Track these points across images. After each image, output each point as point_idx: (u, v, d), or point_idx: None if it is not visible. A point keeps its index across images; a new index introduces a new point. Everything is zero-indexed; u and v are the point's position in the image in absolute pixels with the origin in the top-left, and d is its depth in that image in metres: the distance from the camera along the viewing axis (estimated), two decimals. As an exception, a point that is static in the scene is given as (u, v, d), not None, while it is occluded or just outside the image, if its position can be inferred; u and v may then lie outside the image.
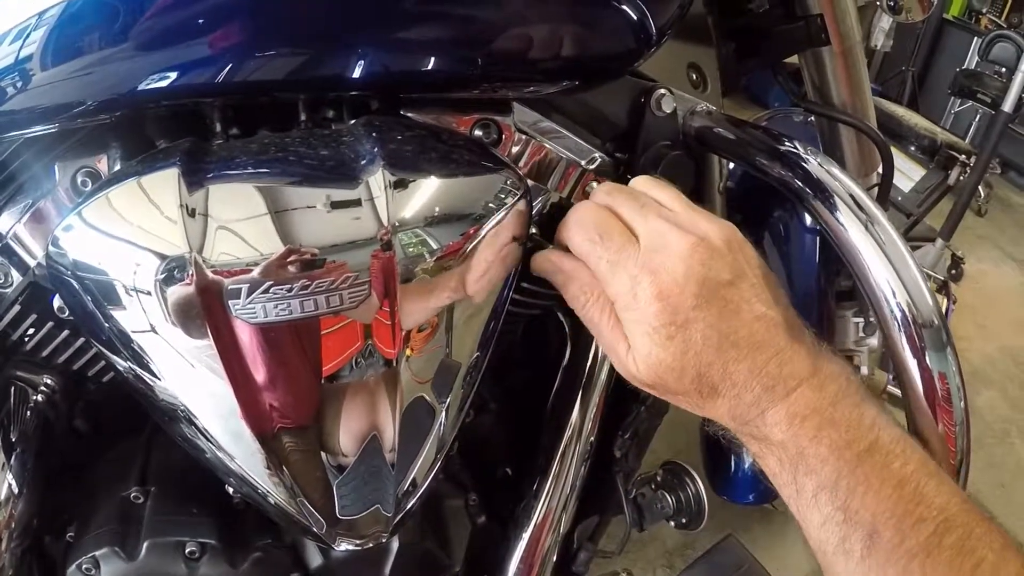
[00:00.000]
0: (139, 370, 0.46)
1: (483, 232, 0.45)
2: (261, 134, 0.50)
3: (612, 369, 0.73)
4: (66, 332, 0.60)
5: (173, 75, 0.46)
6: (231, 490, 0.62)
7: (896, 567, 0.41)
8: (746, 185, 0.91)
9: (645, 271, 0.45)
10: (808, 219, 0.90)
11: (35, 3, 0.45)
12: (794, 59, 0.83)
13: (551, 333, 0.76)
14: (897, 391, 1.79)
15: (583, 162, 0.61)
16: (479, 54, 0.49)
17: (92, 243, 0.42)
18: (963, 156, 1.18)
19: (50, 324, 0.59)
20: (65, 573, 0.64)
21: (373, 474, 0.53)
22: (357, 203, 0.41)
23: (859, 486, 0.42)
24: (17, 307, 0.57)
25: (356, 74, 0.48)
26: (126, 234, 0.40)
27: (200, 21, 0.46)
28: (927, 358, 0.57)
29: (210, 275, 0.39)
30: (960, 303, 1.71)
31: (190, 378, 0.45)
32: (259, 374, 0.43)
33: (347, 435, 0.50)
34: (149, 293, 0.40)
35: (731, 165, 0.76)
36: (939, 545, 0.41)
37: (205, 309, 0.39)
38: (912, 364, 0.57)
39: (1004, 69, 2.14)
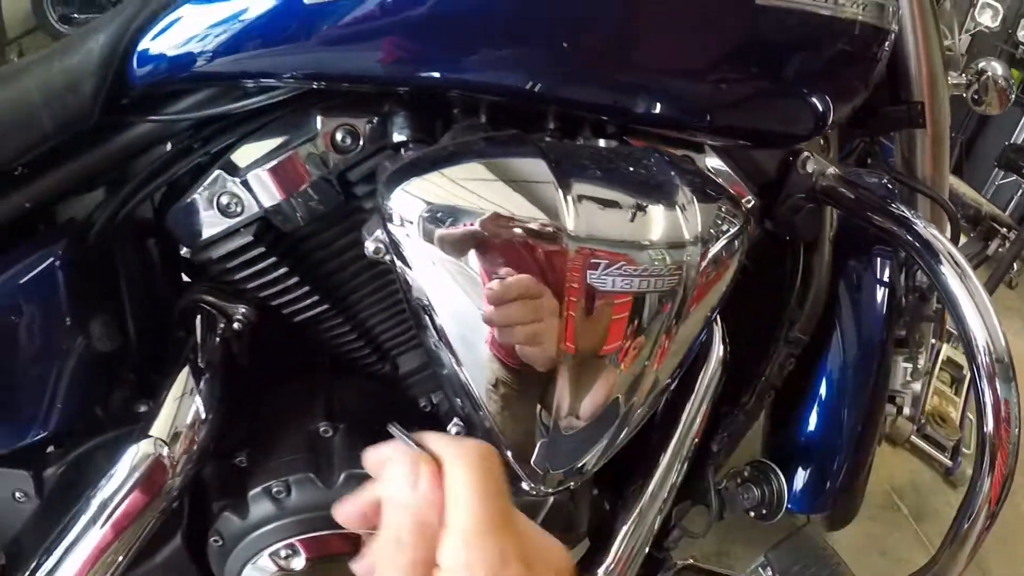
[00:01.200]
0: (437, 312, 0.59)
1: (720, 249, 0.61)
2: (584, 144, 0.65)
3: (721, 376, 0.89)
4: (285, 269, 0.71)
5: (477, 71, 0.59)
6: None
7: None
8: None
9: None
10: (879, 272, 1.07)
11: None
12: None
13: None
14: (920, 442, 1.97)
15: (742, 201, 0.78)
16: (710, 112, 0.65)
17: (455, 199, 0.54)
18: (1004, 229, 1.34)
19: (272, 259, 0.70)
20: (244, 496, 0.76)
21: (568, 440, 0.68)
22: (678, 210, 0.57)
23: None
24: (246, 237, 0.68)
25: (616, 103, 0.63)
26: (502, 200, 0.54)
27: (513, 33, 0.59)
28: (997, 385, 0.74)
29: (579, 247, 0.53)
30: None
31: (480, 321, 0.58)
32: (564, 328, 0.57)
33: (565, 399, 0.64)
34: (518, 249, 0.53)
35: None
36: None
37: (564, 271, 0.53)
38: (987, 388, 0.74)
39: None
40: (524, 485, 0.71)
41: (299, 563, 0.75)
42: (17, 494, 0.77)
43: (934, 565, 0.86)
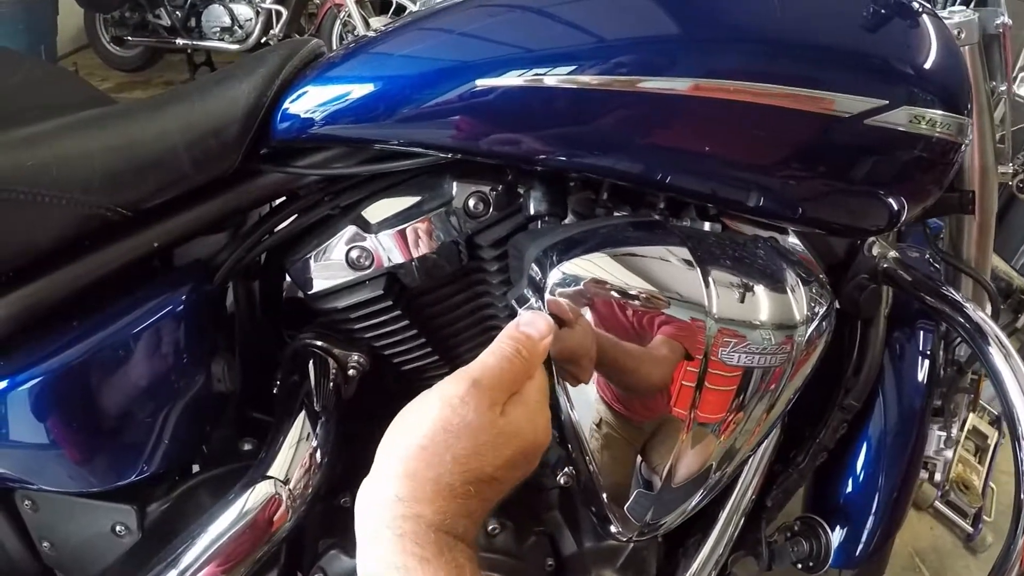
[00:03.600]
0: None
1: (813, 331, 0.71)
2: (714, 232, 0.74)
3: (780, 438, 0.99)
4: (406, 322, 0.78)
5: (607, 160, 0.68)
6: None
7: None
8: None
9: None
10: (921, 344, 1.19)
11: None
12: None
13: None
14: (943, 508, 2.08)
15: (813, 279, 0.89)
16: (802, 206, 0.75)
17: (606, 278, 0.63)
18: None
19: (396, 312, 0.77)
20: (353, 535, 0.82)
21: (661, 495, 0.77)
22: (789, 294, 0.67)
23: None
24: (374, 291, 0.74)
25: (724, 195, 0.72)
26: (645, 284, 0.63)
27: (643, 133, 0.68)
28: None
29: (720, 327, 0.63)
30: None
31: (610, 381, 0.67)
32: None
33: (669, 461, 0.73)
34: (662, 326, 0.63)
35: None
36: None
37: (702, 347, 0.63)
38: (1024, 457, 0.85)
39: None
40: (612, 528, 0.80)
41: None
42: (118, 528, 0.83)
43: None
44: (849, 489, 1.16)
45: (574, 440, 0.73)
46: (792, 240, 0.86)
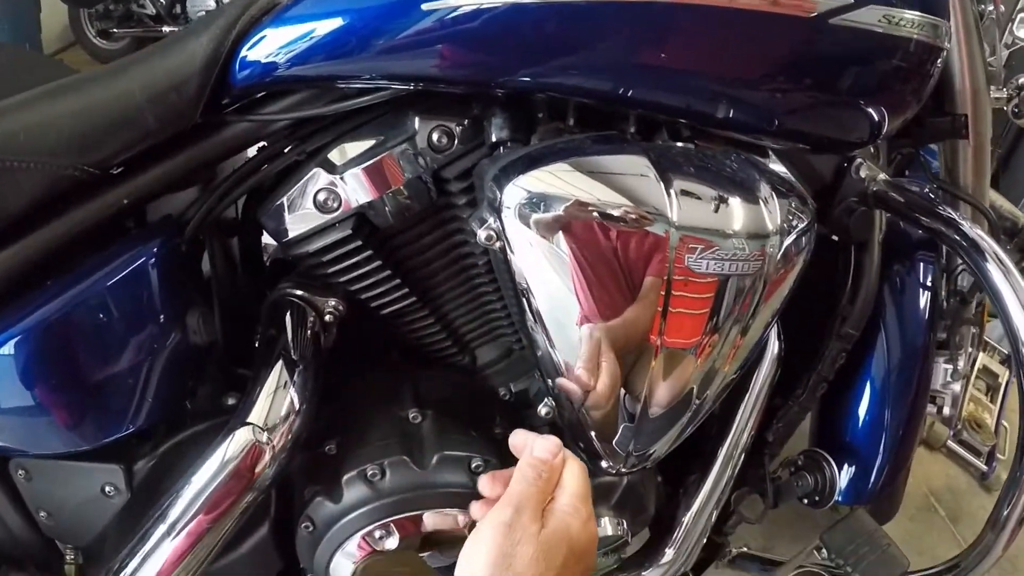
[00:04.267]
0: (540, 293, 0.67)
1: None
2: (679, 145, 0.73)
3: (777, 371, 0.98)
4: (378, 262, 0.78)
5: (570, 77, 0.67)
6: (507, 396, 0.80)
7: None
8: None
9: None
10: (922, 277, 1.17)
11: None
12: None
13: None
14: (956, 447, 2.08)
15: (801, 205, 0.88)
16: (777, 118, 0.74)
17: (567, 191, 0.63)
18: None
19: (367, 253, 0.77)
20: (338, 481, 0.82)
21: (646, 425, 0.76)
22: (761, 204, 0.66)
23: None
24: (342, 232, 0.74)
25: (695, 108, 0.71)
26: (606, 192, 0.63)
27: (606, 43, 0.66)
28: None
29: (682, 235, 0.63)
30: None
31: (579, 303, 0.67)
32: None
33: (648, 386, 0.73)
34: (623, 235, 0.63)
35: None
36: None
37: (666, 256, 0.62)
38: (1034, 379, 0.83)
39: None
40: (603, 464, 0.80)
41: (392, 542, 0.82)
42: (107, 488, 0.83)
43: (977, 546, 0.95)
44: (855, 425, 1.16)
45: (569, 390, 0.74)
46: (775, 164, 0.85)
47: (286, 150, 0.78)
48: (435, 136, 0.73)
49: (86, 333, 0.75)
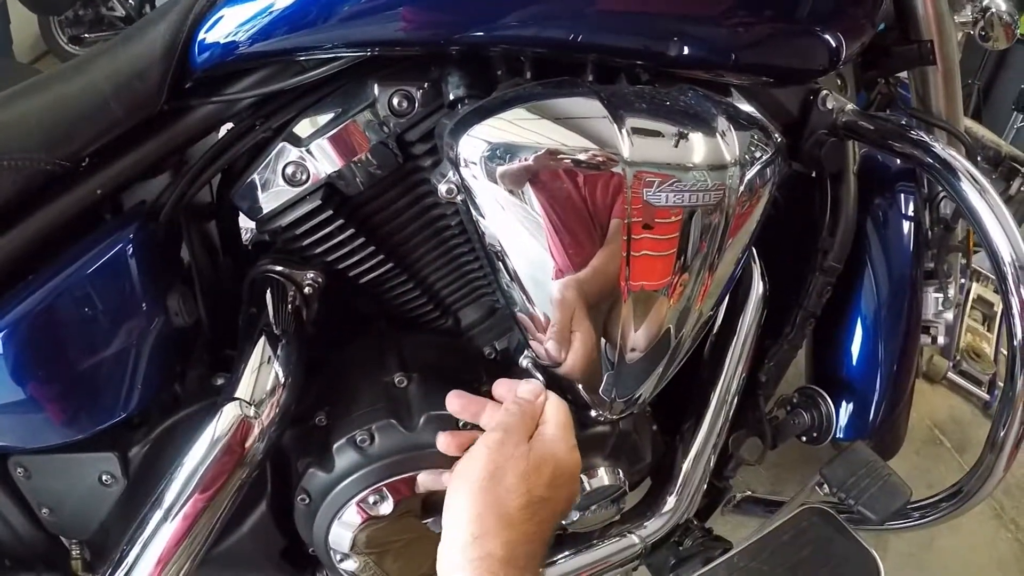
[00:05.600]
0: (507, 245, 0.69)
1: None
2: (631, 87, 0.73)
3: (763, 310, 1.00)
4: (351, 231, 0.79)
5: (520, 26, 0.68)
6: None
7: None
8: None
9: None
10: (904, 208, 1.18)
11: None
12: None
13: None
14: (957, 378, 2.09)
15: (770, 140, 0.89)
16: (734, 51, 0.74)
17: (520, 138, 0.64)
18: None
19: (339, 223, 0.78)
20: (329, 450, 0.84)
21: (629, 369, 0.78)
22: (718, 136, 0.67)
23: None
24: (313, 203, 0.76)
25: (649, 48, 0.72)
26: (561, 134, 0.63)
27: None
28: (1022, 291, 0.85)
29: (636, 171, 0.63)
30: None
31: (548, 255, 0.68)
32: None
33: (625, 330, 0.74)
34: (579, 178, 0.63)
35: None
36: None
37: (623, 193, 0.63)
38: (1014, 298, 0.84)
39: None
40: (592, 413, 0.81)
41: (387, 507, 0.83)
42: (104, 477, 0.85)
43: (978, 470, 0.97)
44: (850, 360, 1.17)
45: (550, 342, 0.75)
46: (740, 103, 0.86)
47: (253, 129, 0.80)
48: (395, 101, 0.74)
49: (70, 323, 0.76)
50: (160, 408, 0.88)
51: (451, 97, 0.72)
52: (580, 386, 0.78)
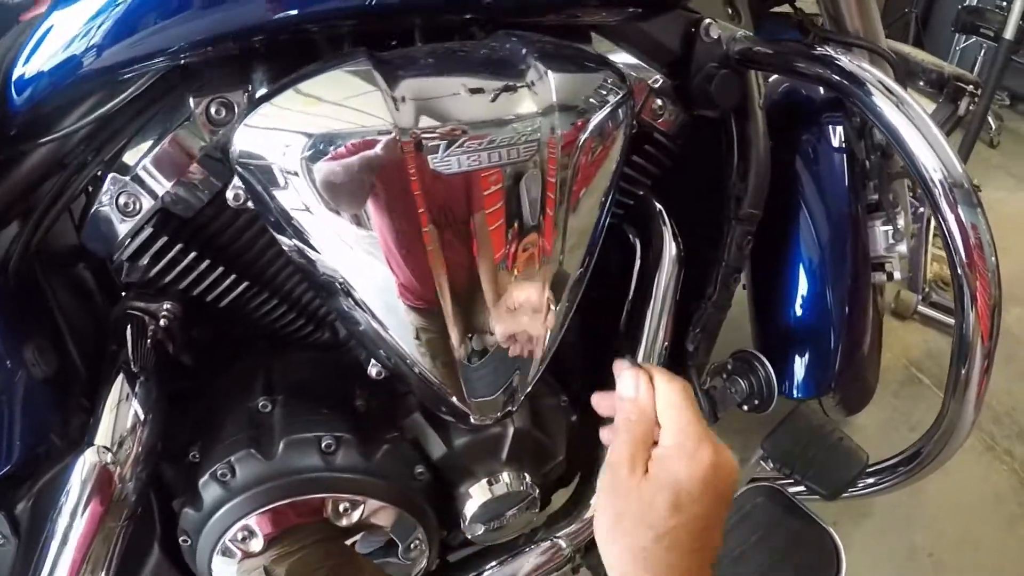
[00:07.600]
0: (309, 249, 0.59)
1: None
2: (424, 45, 0.63)
3: (679, 273, 0.88)
4: (194, 254, 0.70)
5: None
6: (374, 371, 0.73)
7: None
8: (774, 114, 1.05)
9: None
10: (834, 140, 1.04)
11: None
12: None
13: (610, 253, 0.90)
14: (928, 310, 1.93)
15: (649, 82, 0.77)
16: None
17: (291, 124, 0.54)
18: (970, 87, 1.31)
19: (179, 247, 0.70)
20: (196, 486, 0.75)
21: (488, 362, 0.67)
22: (525, 87, 0.56)
23: None
24: (148, 230, 0.68)
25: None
26: (331, 113, 0.53)
27: None
28: (960, 212, 0.71)
29: (409, 136, 0.52)
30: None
31: (357, 256, 0.58)
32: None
33: (466, 322, 0.63)
34: (354, 159, 0.53)
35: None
36: None
37: (408, 165, 0.52)
38: (950, 217, 0.71)
39: (1005, 2, 2.32)
40: (473, 419, 0.71)
41: (257, 544, 0.75)
42: (-3, 539, 0.79)
43: (941, 421, 0.84)
44: (797, 314, 1.05)
45: (395, 353, 0.65)
46: (603, 45, 0.74)
47: (87, 164, 0.71)
48: (213, 110, 0.65)
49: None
50: (44, 460, 0.79)
51: (258, 96, 0.62)
52: (442, 392, 0.68)
